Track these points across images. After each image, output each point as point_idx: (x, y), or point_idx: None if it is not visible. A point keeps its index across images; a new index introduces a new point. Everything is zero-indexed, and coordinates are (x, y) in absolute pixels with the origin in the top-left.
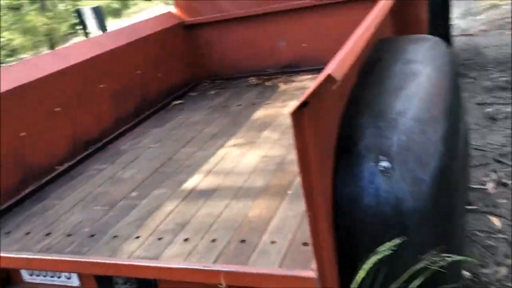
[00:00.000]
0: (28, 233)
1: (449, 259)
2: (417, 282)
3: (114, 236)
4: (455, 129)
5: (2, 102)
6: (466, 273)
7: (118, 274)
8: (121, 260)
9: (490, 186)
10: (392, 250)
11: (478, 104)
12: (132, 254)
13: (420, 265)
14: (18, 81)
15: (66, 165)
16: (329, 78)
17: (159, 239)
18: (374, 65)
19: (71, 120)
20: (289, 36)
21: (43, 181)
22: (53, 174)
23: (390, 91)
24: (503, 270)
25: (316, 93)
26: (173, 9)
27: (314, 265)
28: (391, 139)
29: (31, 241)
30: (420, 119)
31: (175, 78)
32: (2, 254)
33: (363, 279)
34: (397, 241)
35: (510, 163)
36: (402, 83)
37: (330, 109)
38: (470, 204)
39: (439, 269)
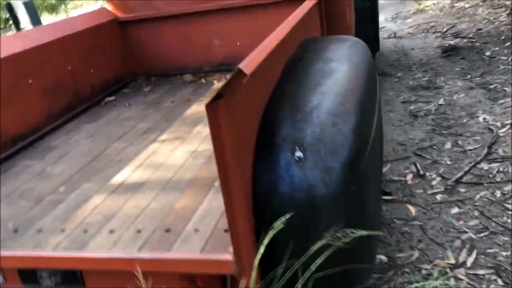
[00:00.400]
0: None
1: (353, 235)
2: (322, 257)
3: (39, 230)
4: (367, 122)
5: None
6: (383, 257)
7: (42, 266)
8: (44, 252)
9: (409, 178)
10: (284, 224)
11: (402, 102)
12: (57, 246)
13: (323, 242)
14: None
15: None
16: (240, 73)
17: (85, 231)
18: (297, 62)
19: None
20: (224, 35)
21: None
22: None
23: (308, 87)
24: (416, 254)
25: (229, 87)
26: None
27: (231, 249)
28: (306, 131)
29: None
30: (333, 112)
31: (108, 74)
32: None
33: (271, 260)
34: (288, 215)
35: (428, 156)
36: (320, 80)
37: (248, 102)
38: (390, 194)
39: (346, 245)
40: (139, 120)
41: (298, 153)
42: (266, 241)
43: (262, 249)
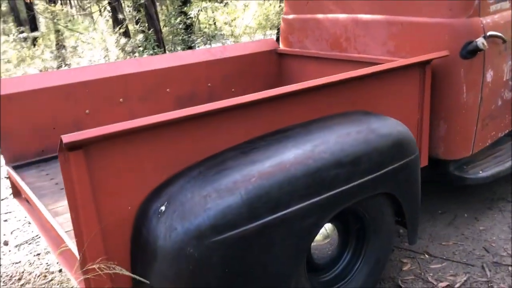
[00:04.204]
0: None
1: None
2: None
3: None
4: (257, 209)
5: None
6: None
7: None
8: None
9: (441, 285)
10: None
11: None
12: None
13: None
14: (103, 74)
15: None
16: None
17: None
18: (284, 132)
19: (129, 110)
20: None
21: None
22: None
23: (247, 155)
24: None
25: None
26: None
27: None
28: (183, 192)
29: None
30: (216, 185)
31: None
32: None
33: None
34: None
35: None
36: (258, 154)
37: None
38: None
39: None
40: None
41: (162, 207)
42: None
43: None
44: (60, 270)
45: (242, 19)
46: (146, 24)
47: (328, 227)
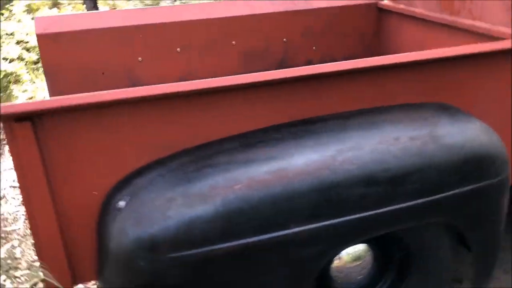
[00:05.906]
0: None
1: None
2: None
3: None
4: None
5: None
6: None
7: None
8: None
9: None
10: None
11: None
12: None
13: None
14: (161, 19)
15: None
16: None
17: None
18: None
19: (187, 62)
20: None
21: None
22: None
23: (243, 152)
24: None
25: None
26: None
27: None
28: (154, 187)
29: None
30: (192, 189)
31: (337, 55)
32: None
33: None
34: None
35: None
36: (273, 152)
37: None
38: None
39: None
40: None
41: (121, 203)
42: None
43: None
44: None
45: None
46: None
47: (360, 247)
